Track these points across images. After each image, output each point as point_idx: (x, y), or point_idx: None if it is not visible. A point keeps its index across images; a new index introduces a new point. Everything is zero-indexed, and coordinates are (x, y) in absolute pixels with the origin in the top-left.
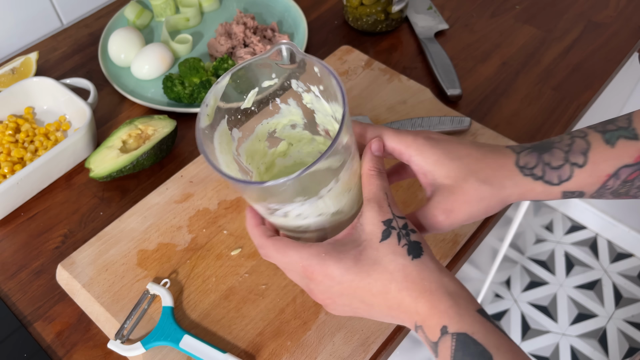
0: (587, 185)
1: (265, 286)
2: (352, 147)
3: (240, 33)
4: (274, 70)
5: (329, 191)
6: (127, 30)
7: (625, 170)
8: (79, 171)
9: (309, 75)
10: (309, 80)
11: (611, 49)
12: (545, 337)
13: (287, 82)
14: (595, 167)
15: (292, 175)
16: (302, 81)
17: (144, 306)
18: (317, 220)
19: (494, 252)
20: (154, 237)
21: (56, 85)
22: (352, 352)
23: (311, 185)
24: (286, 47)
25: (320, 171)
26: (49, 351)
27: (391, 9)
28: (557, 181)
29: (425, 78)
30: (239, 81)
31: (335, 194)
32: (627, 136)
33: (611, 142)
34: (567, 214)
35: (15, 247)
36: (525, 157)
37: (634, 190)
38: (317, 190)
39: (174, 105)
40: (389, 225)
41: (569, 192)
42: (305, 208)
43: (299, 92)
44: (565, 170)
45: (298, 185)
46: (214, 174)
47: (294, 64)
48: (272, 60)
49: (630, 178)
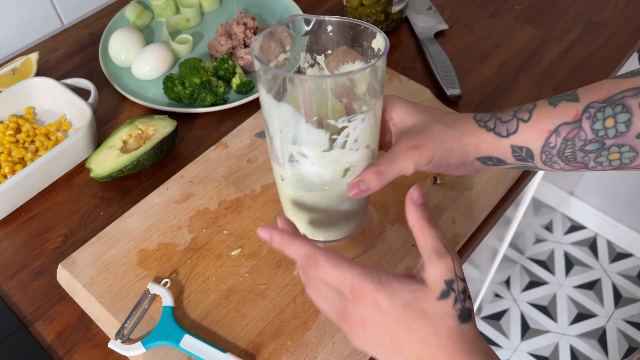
0: (531, 140)
1: (265, 286)
2: (378, 101)
3: (241, 33)
4: (287, 43)
5: (350, 132)
6: (128, 31)
7: (564, 127)
8: (80, 171)
9: (319, 42)
10: (317, 49)
11: (611, 49)
12: (544, 336)
13: (297, 55)
14: (537, 122)
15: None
16: (310, 52)
17: (145, 306)
18: (332, 179)
19: (493, 251)
20: (154, 237)
21: (57, 85)
22: (352, 352)
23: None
24: (300, 16)
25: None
26: (50, 351)
27: (391, 9)
28: (506, 134)
29: (425, 78)
30: (264, 48)
31: (353, 141)
32: (568, 99)
33: (554, 103)
34: (567, 213)
35: (15, 247)
36: (481, 114)
37: (578, 153)
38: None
39: (175, 105)
40: (449, 287)
41: (517, 146)
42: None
43: (304, 69)
44: (513, 124)
45: (335, 86)
46: (214, 174)
47: (308, 30)
48: (286, 31)
49: (569, 136)
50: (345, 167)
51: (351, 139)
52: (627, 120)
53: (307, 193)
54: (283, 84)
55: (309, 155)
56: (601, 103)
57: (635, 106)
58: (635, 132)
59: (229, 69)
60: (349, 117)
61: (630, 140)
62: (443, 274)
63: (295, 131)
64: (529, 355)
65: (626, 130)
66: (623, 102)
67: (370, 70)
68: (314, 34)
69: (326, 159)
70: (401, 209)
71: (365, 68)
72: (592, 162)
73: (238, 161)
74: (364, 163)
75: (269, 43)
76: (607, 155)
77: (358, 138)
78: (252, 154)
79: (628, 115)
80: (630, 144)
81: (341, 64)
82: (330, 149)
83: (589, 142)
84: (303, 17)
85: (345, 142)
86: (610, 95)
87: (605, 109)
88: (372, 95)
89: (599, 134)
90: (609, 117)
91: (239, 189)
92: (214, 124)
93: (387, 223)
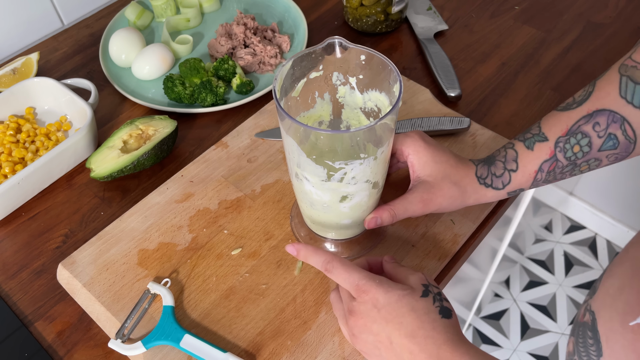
0: (523, 183)
1: (265, 286)
2: (391, 137)
3: (241, 34)
4: (321, 62)
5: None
6: (128, 31)
7: (545, 164)
8: (80, 171)
9: (351, 66)
10: (350, 71)
11: (610, 50)
12: (544, 336)
13: (330, 74)
14: (524, 168)
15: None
16: (342, 72)
17: (145, 305)
18: (331, 201)
19: (493, 251)
20: (154, 236)
21: (57, 85)
22: (352, 352)
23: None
24: (338, 40)
25: (368, 133)
26: (50, 351)
27: (391, 9)
28: (502, 186)
29: (425, 78)
30: (296, 68)
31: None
32: (539, 139)
33: (530, 147)
34: (567, 213)
35: (16, 247)
36: (480, 169)
37: (558, 176)
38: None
39: (175, 105)
40: (427, 288)
41: (512, 191)
42: (352, 168)
43: (336, 85)
44: (506, 177)
45: (356, 137)
46: (214, 173)
47: (341, 55)
48: (322, 52)
49: (550, 169)
50: (343, 195)
51: (349, 177)
52: (588, 142)
53: (310, 207)
54: None
55: (310, 180)
56: (565, 136)
57: (590, 130)
58: (596, 148)
59: (229, 69)
60: (346, 161)
61: (594, 155)
62: (420, 280)
63: (298, 159)
64: (528, 355)
65: (589, 149)
66: (581, 131)
67: (377, 125)
68: (346, 57)
69: (324, 187)
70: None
71: (372, 125)
72: (567, 176)
73: (238, 161)
74: (363, 193)
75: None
76: (579, 169)
77: (356, 176)
78: (252, 154)
79: (587, 138)
80: (595, 157)
81: (366, 91)
82: (328, 181)
83: (565, 167)
84: (339, 40)
85: (342, 178)
86: (569, 128)
87: (569, 139)
88: (375, 144)
89: (571, 159)
90: (575, 145)
91: (239, 189)
92: (214, 124)
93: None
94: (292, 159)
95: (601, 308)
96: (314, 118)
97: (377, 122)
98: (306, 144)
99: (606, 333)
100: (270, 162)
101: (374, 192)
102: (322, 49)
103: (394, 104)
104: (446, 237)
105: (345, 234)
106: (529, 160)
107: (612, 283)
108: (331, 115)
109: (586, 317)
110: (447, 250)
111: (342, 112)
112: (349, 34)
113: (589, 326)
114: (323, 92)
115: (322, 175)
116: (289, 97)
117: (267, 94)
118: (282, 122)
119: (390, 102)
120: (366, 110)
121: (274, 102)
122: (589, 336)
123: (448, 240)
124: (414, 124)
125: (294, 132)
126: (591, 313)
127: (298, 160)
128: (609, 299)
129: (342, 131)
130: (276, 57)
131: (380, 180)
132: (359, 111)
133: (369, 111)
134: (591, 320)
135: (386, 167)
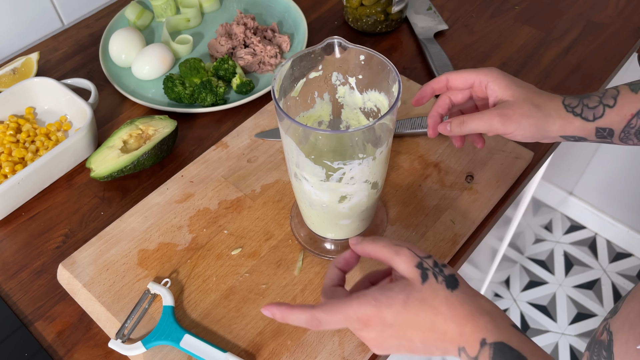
0: (615, 122)
1: (265, 286)
2: (390, 137)
3: (241, 34)
4: (321, 63)
5: (366, 160)
6: (128, 31)
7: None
8: (80, 171)
9: (351, 66)
10: (349, 71)
11: (610, 49)
12: (544, 336)
13: (329, 74)
14: (621, 107)
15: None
16: (342, 73)
17: (145, 305)
18: (329, 202)
19: (493, 251)
20: (154, 236)
21: (57, 85)
22: (352, 352)
23: (351, 145)
24: (337, 40)
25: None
26: (50, 350)
27: (391, 9)
28: (592, 118)
29: (425, 78)
30: (295, 68)
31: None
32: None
33: (635, 90)
34: (567, 213)
35: (16, 247)
36: (569, 99)
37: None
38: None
39: (175, 105)
40: (422, 268)
41: (601, 128)
42: (351, 168)
43: (335, 85)
44: (599, 110)
45: (356, 136)
46: (214, 174)
47: (340, 55)
48: (321, 52)
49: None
50: (342, 195)
51: (347, 177)
52: None
53: (310, 207)
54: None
55: (309, 180)
56: None
57: None
58: None
59: (229, 69)
60: (345, 161)
61: None
62: (409, 262)
63: (297, 159)
64: None
65: None
66: None
67: (376, 125)
68: (346, 57)
69: (323, 187)
70: (401, 208)
71: (371, 125)
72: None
73: (238, 161)
74: (362, 194)
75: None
76: None
77: (355, 176)
78: (252, 154)
79: None
80: None
81: (365, 91)
82: (327, 181)
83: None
84: (338, 40)
85: (341, 178)
86: None
87: None
88: (374, 144)
89: None
90: None
91: (239, 189)
92: (214, 124)
93: (387, 223)
94: (291, 159)
95: (619, 330)
96: (313, 118)
97: (375, 122)
98: (305, 144)
99: (621, 356)
100: (270, 162)
101: (373, 193)
102: (322, 49)
103: (392, 104)
104: (446, 237)
105: (344, 234)
106: (629, 101)
107: (633, 307)
108: (331, 116)
109: (604, 336)
110: (447, 250)
111: (341, 112)
112: (349, 34)
113: (605, 346)
114: (322, 92)
115: (321, 175)
116: (288, 97)
117: (267, 94)
118: (281, 122)
119: (390, 102)
120: (366, 110)
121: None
122: (604, 356)
123: (448, 240)
124: (414, 124)
125: (293, 132)
126: (609, 333)
127: (297, 160)
128: (628, 324)
129: (340, 131)
130: (276, 57)
131: (379, 180)
132: (359, 111)
133: (369, 111)
134: (608, 340)
135: (385, 168)
